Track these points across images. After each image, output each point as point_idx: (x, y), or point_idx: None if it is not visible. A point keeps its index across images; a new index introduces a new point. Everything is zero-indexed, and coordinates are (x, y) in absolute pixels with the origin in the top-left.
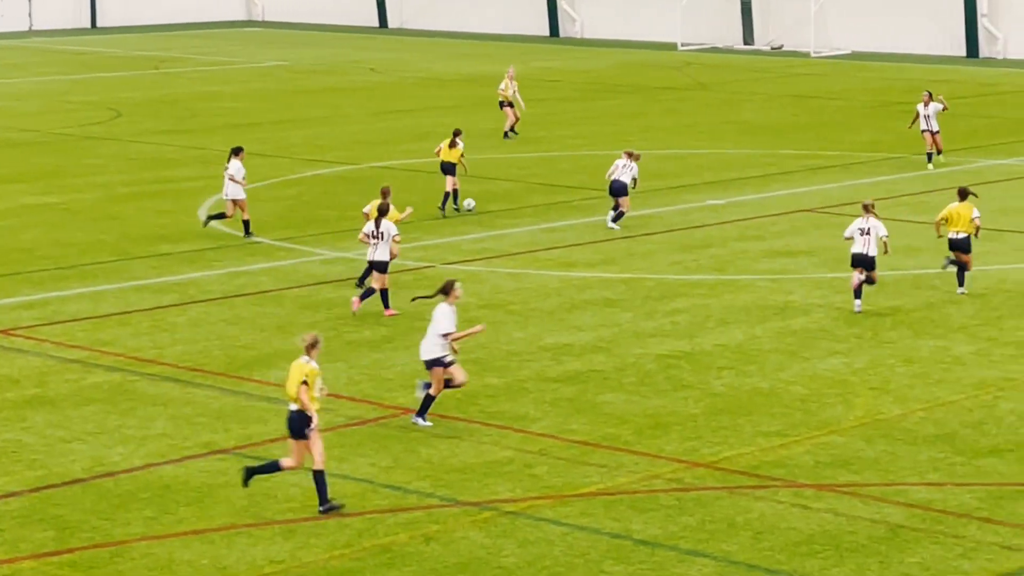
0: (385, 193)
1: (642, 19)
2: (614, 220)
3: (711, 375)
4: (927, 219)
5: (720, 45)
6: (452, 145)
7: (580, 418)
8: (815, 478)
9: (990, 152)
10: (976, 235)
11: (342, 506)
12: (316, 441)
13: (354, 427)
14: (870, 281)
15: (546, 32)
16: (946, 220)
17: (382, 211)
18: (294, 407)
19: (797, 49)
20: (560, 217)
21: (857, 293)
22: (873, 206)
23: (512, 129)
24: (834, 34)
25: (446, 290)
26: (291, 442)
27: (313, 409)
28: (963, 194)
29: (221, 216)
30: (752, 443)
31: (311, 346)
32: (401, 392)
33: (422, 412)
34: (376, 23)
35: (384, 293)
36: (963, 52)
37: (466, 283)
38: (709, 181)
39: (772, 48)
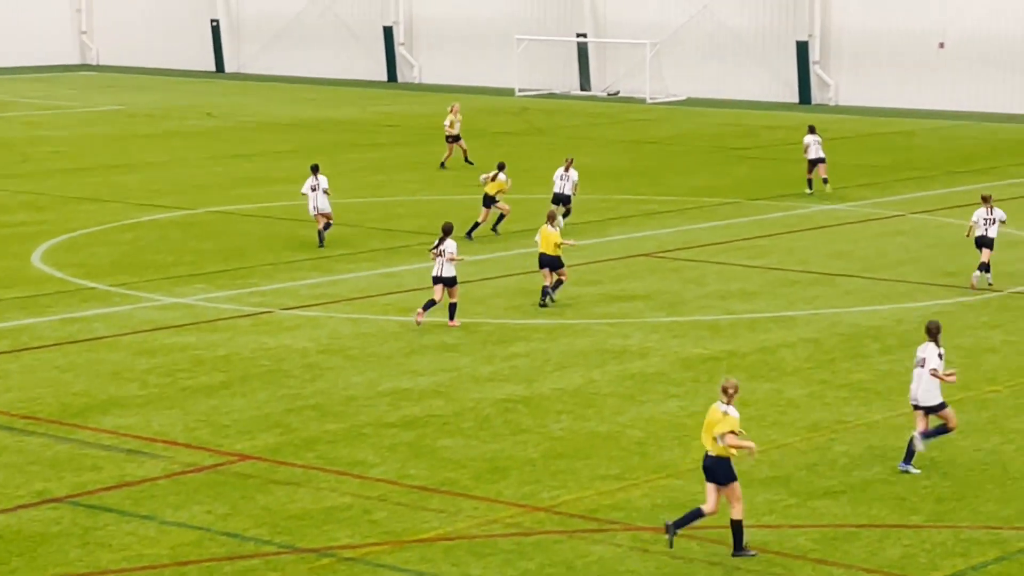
0: (551, 217)
1: (480, 65)
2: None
3: (549, 419)
4: (762, 264)
5: (557, 91)
6: (493, 179)
7: (419, 463)
8: (653, 521)
9: (823, 197)
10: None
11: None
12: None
13: (190, 474)
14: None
15: (384, 77)
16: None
17: (446, 231)
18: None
19: (633, 95)
20: (399, 262)
21: (984, 268)
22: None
23: (466, 159)
24: (670, 81)
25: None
26: (711, 487)
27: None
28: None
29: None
30: (590, 487)
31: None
32: (238, 438)
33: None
34: (213, 67)
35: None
36: (796, 99)
37: (303, 328)
38: None
39: (608, 94)
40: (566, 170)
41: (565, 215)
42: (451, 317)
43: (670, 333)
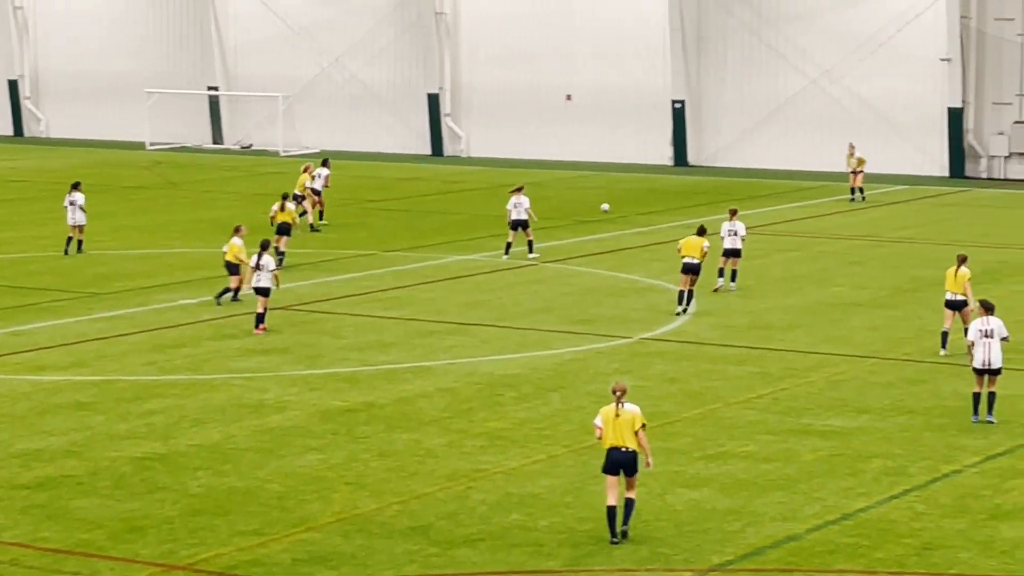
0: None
1: (108, 118)
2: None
3: (187, 476)
4: (399, 314)
5: (190, 144)
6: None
7: (52, 525)
8: (293, 575)
9: (457, 248)
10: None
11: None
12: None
13: None
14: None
15: (11, 132)
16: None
17: (263, 247)
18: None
19: (267, 148)
20: (30, 320)
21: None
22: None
23: (320, 217)
24: (303, 133)
25: None
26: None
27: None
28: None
29: None
30: (229, 543)
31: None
32: None
33: None
34: None
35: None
36: (429, 150)
37: None
38: (182, 280)
39: (242, 147)
40: (518, 196)
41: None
42: (257, 325)
43: (308, 386)
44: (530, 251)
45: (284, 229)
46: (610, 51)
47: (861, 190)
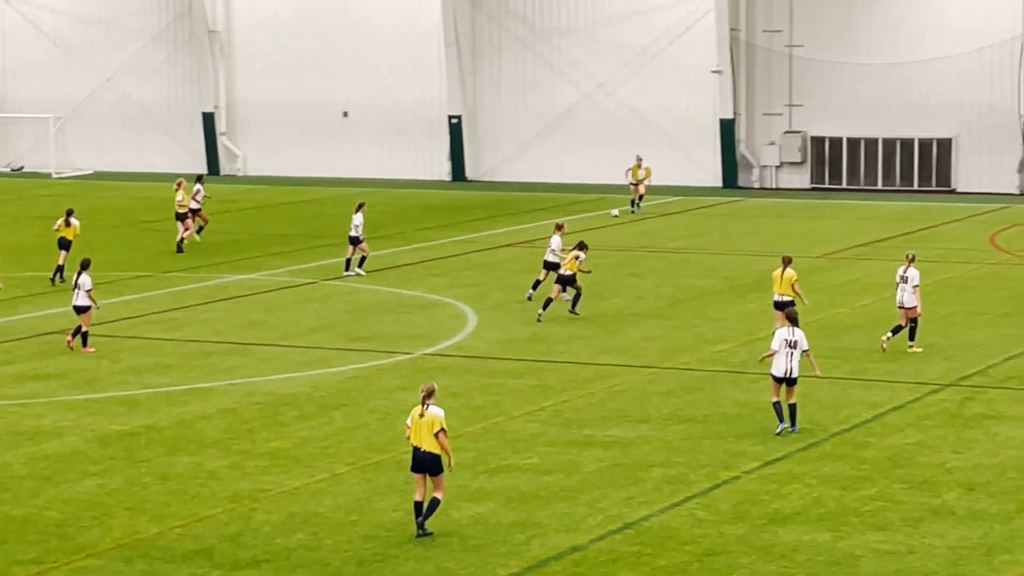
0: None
1: None
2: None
3: None
4: (178, 336)
5: None
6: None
7: None
8: None
9: (235, 268)
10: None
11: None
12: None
13: None
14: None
15: None
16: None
17: (84, 266)
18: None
19: (39, 170)
20: None
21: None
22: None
23: (199, 231)
24: (76, 154)
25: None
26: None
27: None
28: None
29: None
30: (8, 572)
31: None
32: None
33: None
34: None
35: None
36: (206, 170)
37: None
38: None
39: (12, 170)
40: (357, 214)
41: None
42: (84, 344)
43: (86, 411)
44: (358, 266)
45: (65, 244)
46: (386, 67)
47: (640, 199)
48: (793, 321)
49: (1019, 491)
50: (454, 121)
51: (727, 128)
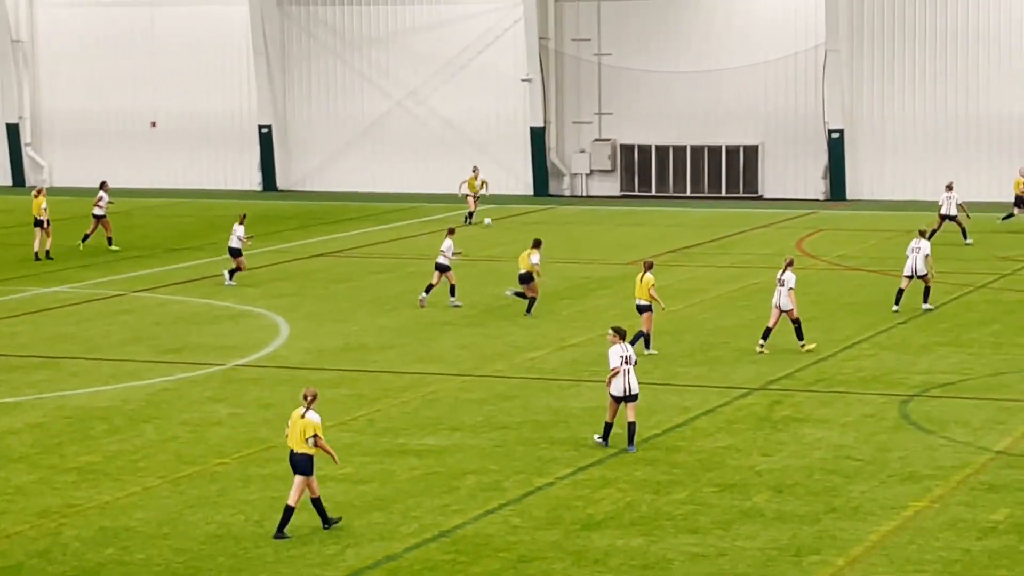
0: None
1: None
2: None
3: None
4: None
5: None
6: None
7: None
8: None
9: (42, 280)
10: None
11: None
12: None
13: None
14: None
15: None
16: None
17: None
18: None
19: None
20: None
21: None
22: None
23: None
24: None
25: None
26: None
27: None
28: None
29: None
30: None
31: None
32: None
33: None
34: None
35: None
36: (10, 182)
37: None
38: None
39: None
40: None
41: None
42: None
43: None
44: (229, 276)
45: None
46: (195, 77)
47: (471, 214)
48: (624, 337)
49: (827, 492)
50: (264, 131)
51: (538, 136)
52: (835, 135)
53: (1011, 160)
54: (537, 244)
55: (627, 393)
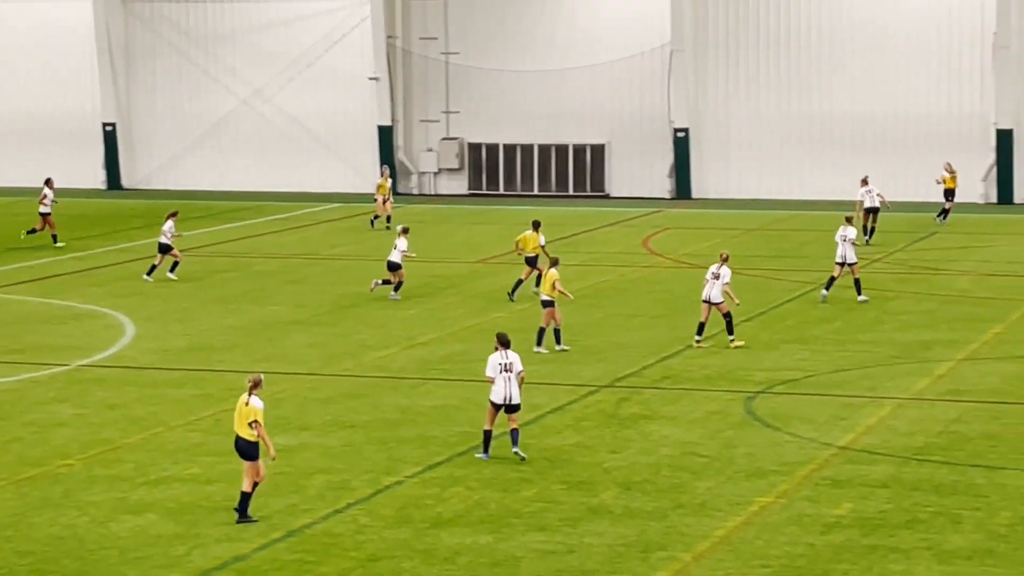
0: None
1: None
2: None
3: None
4: None
5: None
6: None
7: None
8: None
9: None
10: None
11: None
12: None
13: None
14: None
15: None
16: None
17: None
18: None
19: None
20: None
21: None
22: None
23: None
24: None
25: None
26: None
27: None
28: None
29: None
30: None
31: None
32: None
33: None
34: None
35: None
36: None
37: None
38: None
39: None
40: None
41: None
42: None
43: None
44: (170, 270)
45: None
46: (36, 74)
47: (389, 218)
48: (506, 344)
49: (674, 489)
50: (108, 128)
51: (385, 135)
52: (681, 134)
53: (853, 158)
54: (536, 226)
55: (507, 402)
